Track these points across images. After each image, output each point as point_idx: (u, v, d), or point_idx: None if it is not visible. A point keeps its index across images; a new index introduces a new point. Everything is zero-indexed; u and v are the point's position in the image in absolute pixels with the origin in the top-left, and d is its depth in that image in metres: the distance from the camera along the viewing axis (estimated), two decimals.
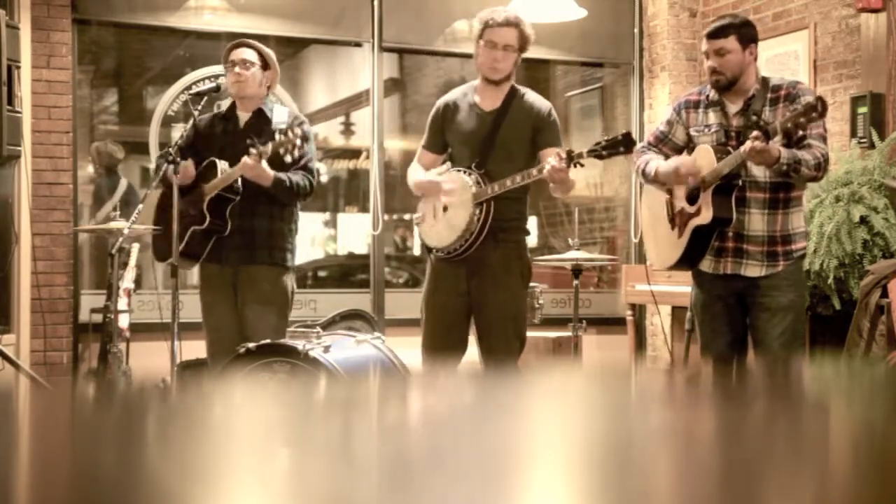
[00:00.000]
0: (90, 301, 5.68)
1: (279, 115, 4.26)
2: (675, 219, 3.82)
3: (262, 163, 3.98)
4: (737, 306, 3.79)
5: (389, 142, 6.61)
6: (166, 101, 6.11)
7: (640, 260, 6.41)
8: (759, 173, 3.65)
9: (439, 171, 4.02)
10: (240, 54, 4.25)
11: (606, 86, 7.09)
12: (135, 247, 5.29)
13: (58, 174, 5.63)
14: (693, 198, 3.74)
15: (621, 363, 6.46)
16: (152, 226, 4.29)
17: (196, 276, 4.54)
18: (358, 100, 6.59)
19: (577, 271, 4.95)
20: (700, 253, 3.76)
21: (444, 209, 3.90)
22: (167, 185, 4.18)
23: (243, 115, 4.28)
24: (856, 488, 0.66)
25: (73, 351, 5.68)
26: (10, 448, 0.77)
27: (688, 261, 3.80)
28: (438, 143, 4.06)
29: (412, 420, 0.94)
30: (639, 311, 6.55)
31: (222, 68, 4.45)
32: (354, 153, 7.04)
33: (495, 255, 3.84)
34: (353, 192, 7.27)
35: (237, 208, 4.14)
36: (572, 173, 3.73)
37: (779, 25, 6.03)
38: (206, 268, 4.29)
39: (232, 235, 4.16)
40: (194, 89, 5.62)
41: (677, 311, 5.92)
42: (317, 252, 7.57)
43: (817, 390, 1.14)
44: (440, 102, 4.08)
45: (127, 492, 0.62)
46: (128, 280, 5.25)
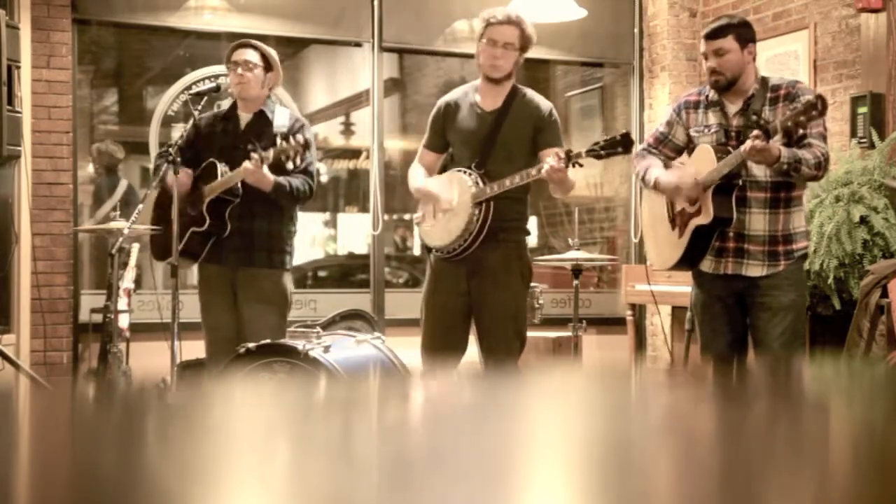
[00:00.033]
0: (90, 301, 5.68)
1: (280, 117, 4.25)
2: (675, 219, 3.82)
3: (264, 168, 3.98)
4: (736, 306, 3.78)
5: (389, 142, 6.61)
6: (166, 101, 6.11)
7: (640, 260, 6.41)
8: (760, 173, 3.65)
9: (439, 177, 4.01)
10: (242, 55, 4.23)
11: (606, 86, 7.09)
12: (135, 247, 5.29)
13: (58, 174, 5.63)
14: (693, 198, 3.73)
15: (621, 363, 6.46)
16: (151, 225, 4.28)
17: (196, 276, 4.53)
18: (358, 100, 6.59)
19: (577, 271, 4.95)
20: (701, 253, 3.76)
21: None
22: (165, 187, 4.19)
23: (244, 116, 4.27)
24: (856, 488, 0.66)
25: (73, 351, 5.68)
26: (10, 448, 0.77)
27: (688, 261, 3.80)
28: (439, 143, 4.06)
29: (412, 420, 0.94)
30: (639, 311, 6.55)
31: (224, 68, 4.44)
32: (354, 153, 7.04)
33: (495, 255, 3.84)
34: (353, 192, 7.27)
35: (236, 210, 4.14)
36: (572, 173, 3.73)
37: (779, 25, 6.03)
38: (205, 268, 4.28)
39: (231, 237, 4.15)
40: (194, 89, 5.62)
41: (677, 311, 5.92)
42: (317, 252, 7.57)
43: (817, 390, 1.14)
44: (441, 102, 4.07)
45: (127, 492, 0.62)
46: (128, 280, 5.25)
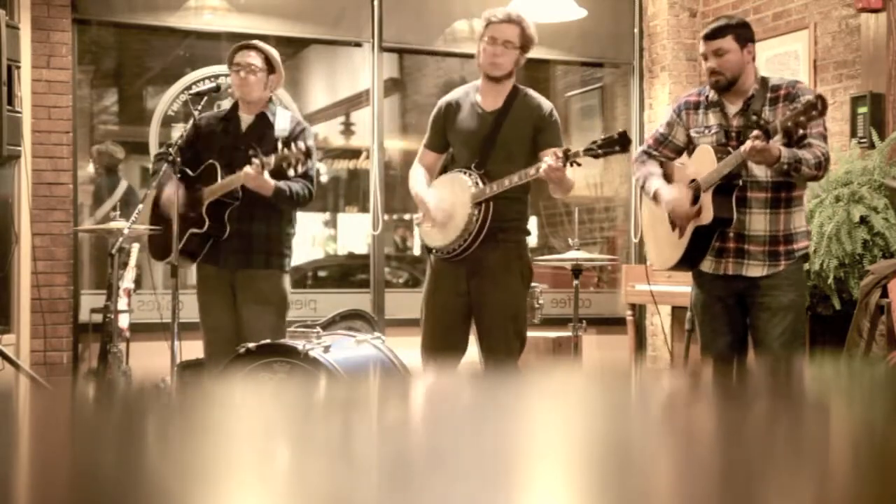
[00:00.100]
0: (90, 301, 5.68)
1: (282, 120, 4.23)
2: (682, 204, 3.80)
3: (265, 174, 3.98)
4: (737, 307, 3.78)
5: (389, 142, 6.61)
6: (166, 101, 6.11)
7: (640, 260, 6.41)
8: (761, 173, 3.65)
9: (440, 179, 4.01)
10: (246, 58, 4.20)
11: (606, 86, 7.09)
12: (135, 247, 5.29)
13: (58, 174, 5.63)
14: (694, 198, 3.73)
15: (621, 363, 6.46)
16: (149, 225, 4.28)
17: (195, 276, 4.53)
18: (358, 100, 6.59)
19: (577, 271, 4.95)
20: (701, 254, 3.76)
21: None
22: (161, 190, 4.19)
23: (246, 118, 4.25)
24: (856, 488, 0.66)
25: (73, 351, 5.68)
26: (10, 448, 0.77)
27: (688, 261, 3.80)
28: (440, 143, 4.06)
29: (412, 420, 0.94)
30: (639, 311, 6.55)
31: (224, 68, 4.43)
32: (354, 153, 7.04)
33: (495, 255, 3.84)
34: (353, 192, 7.27)
35: (235, 212, 4.13)
36: (571, 173, 3.74)
37: (779, 25, 6.03)
38: (204, 269, 4.27)
39: (230, 239, 4.15)
40: (194, 89, 5.62)
41: (677, 311, 5.92)
42: (317, 252, 7.56)
43: (817, 390, 1.14)
44: (442, 102, 4.07)
45: (127, 492, 0.62)
46: (128, 280, 5.25)
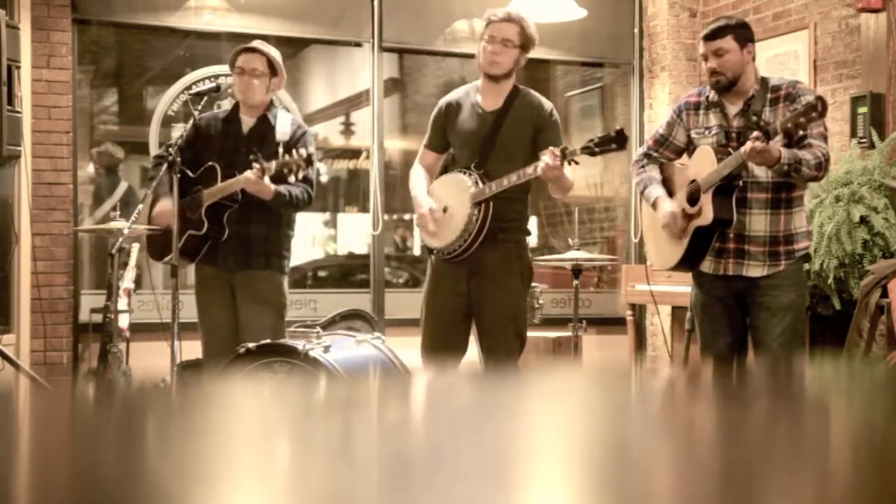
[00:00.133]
0: (90, 301, 5.68)
1: (283, 123, 4.22)
2: (676, 220, 3.81)
3: (265, 179, 3.98)
4: (736, 307, 3.78)
5: (389, 142, 6.61)
6: (166, 101, 6.11)
7: (640, 260, 6.41)
8: (761, 173, 3.65)
9: (440, 181, 4.01)
10: (250, 63, 4.18)
11: (606, 86, 7.09)
12: (135, 247, 5.29)
13: (58, 174, 5.63)
14: (694, 199, 3.74)
15: (621, 363, 6.46)
16: (147, 226, 4.28)
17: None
18: (358, 100, 6.59)
19: (577, 271, 4.95)
20: (701, 254, 3.76)
21: (444, 210, 3.90)
22: (157, 200, 4.19)
23: (247, 121, 4.25)
24: (856, 488, 0.66)
25: (73, 351, 5.68)
26: (10, 448, 0.77)
27: (688, 262, 3.80)
28: (440, 143, 4.06)
29: (412, 420, 0.94)
30: (639, 311, 6.55)
31: (226, 68, 4.42)
32: (354, 153, 7.04)
33: (495, 255, 3.84)
34: (353, 192, 7.26)
35: (234, 215, 4.13)
36: (570, 173, 3.74)
37: (779, 25, 6.03)
38: (202, 269, 4.27)
39: (229, 241, 4.14)
40: (194, 89, 5.63)
41: (677, 311, 5.92)
42: (317, 252, 7.56)
43: (817, 390, 1.14)
44: (442, 102, 4.08)
45: (127, 492, 0.62)
46: (128, 280, 5.25)
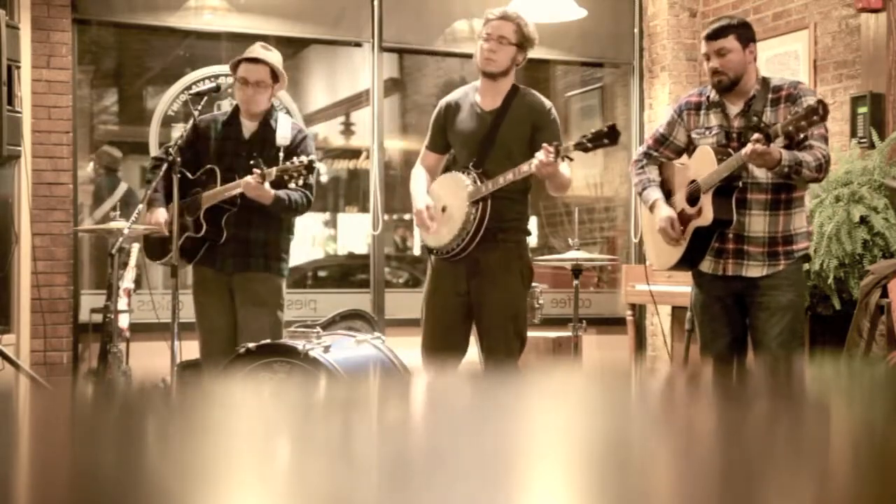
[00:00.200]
0: (90, 301, 5.68)
1: (283, 127, 4.22)
2: (673, 226, 3.81)
3: (265, 184, 3.98)
4: (735, 307, 3.78)
5: (389, 142, 6.61)
6: (166, 101, 6.11)
7: (640, 260, 6.41)
8: (761, 174, 3.65)
9: (439, 180, 4.02)
10: (253, 75, 4.16)
11: (606, 86, 7.09)
12: (135, 247, 5.28)
13: (58, 174, 5.63)
14: (693, 199, 3.74)
15: (621, 363, 6.46)
16: (146, 226, 4.27)
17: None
18: (358, 100, 6.59)
19: (577, 271, 4.95)
20: (700, 254, 3.76)
21: (443, 209, 3.90)
22: (153, 208, 4.18)
23: (247, 125, 4.24)
24: (856, 488, 0.66)
25: (73, 351, 5.68)
26: (10, 448, 0.77)
27: (688, 261, 3.80)
28: (441, 144, 4.06)
29: (412, 420, 0.94)
30: (639, 311, 6.55)
31: (226, 68, 4.42)
32: (354, 153, 7.04)
33: (495, 255, 3.84)
34: (353, 192, 7.26)
35: (233, 218, 4.13)
36: (568, 170, 3.76)
37: (779, 25, 6.03)
38: (201, 271, 4.27)
39: (227, 243, 4.15)
40: (194, 89, 5.63)
41: (677, 311, 5.92)
42: (317, 252, 7.56)
43: (817, 390, 1.14)
44: (442, 102, 4.08)
45: (127, 492, 0.62)
46: (128, 280, 5.25)
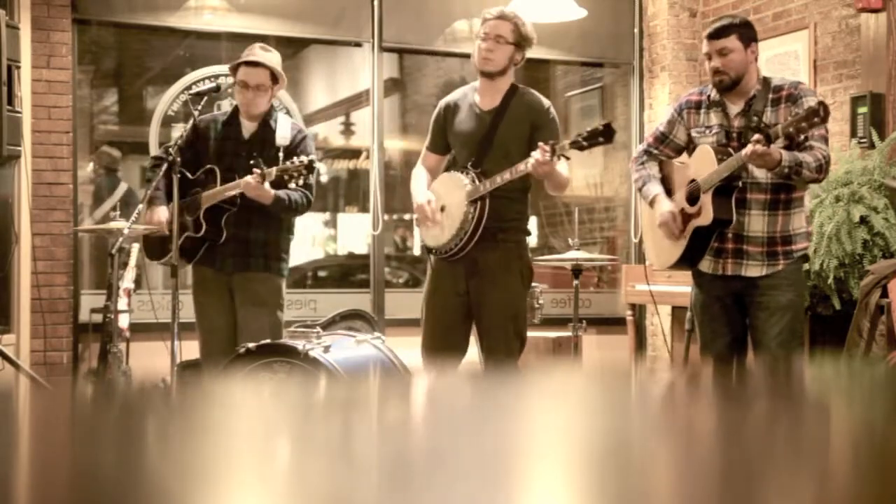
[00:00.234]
0: (90, 301, 5.68)
1: (283, 128, 4.22)
2: (675, 219, 3.82)
3: (265, 184, 3.98)
4: (735, 307, 3.78)
5: (389, 142, 6.60)
6: (166, 101, 6.11)
7: (640, 260, 6.41)
8: (761, 174, 3.65)
9: (438, 180, 4.02)
10: (253, 78, 4.16)
11: (606, 86, 7.09)
12: (135, 247, 5.28)
13: (58, 174, 5.63)
14: (693, 199, 3.74)
15: (621, 363, 6.46)
16: (146, 226, 4.27)
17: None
18: (358, 100, 6.59)
19: (577, 271, 4.95)
20: (700, 253, 3.76)
21: (442, 209, 3.90)
22: (153, 207, 4.18)
23: (247, 125, 4.24)
24: (856, 488, 0.66)
25: (73, 351, 5.68)
26: (10, 448, 0.77)
27: (688, 260, 3.80)
28: (441, 145, 4.06)
29: (412, 420, 0.94)
30: (639, 311, 6.55)
31: (226, 68, 4.42)
32: (354, 153, 7.04)
33: (494, 255, 3.84)
34: (353, 192, 7.26)
35: (233, 218, 4.13)
36: (566, 169, 3.77)
37: (779, 25, 6.03)
38: (200, 271, 4.27)
39: (227, 243, 4.15)
40: (194, 89, 5.62)
41: (677, 311, 5.92)
42: (317, 252, 7.56)
43: (817, 390, 1.14)
44: (442, 103, 4.08)
45: (127, 492, 0.62)
46: (128, 280, 5.25)
